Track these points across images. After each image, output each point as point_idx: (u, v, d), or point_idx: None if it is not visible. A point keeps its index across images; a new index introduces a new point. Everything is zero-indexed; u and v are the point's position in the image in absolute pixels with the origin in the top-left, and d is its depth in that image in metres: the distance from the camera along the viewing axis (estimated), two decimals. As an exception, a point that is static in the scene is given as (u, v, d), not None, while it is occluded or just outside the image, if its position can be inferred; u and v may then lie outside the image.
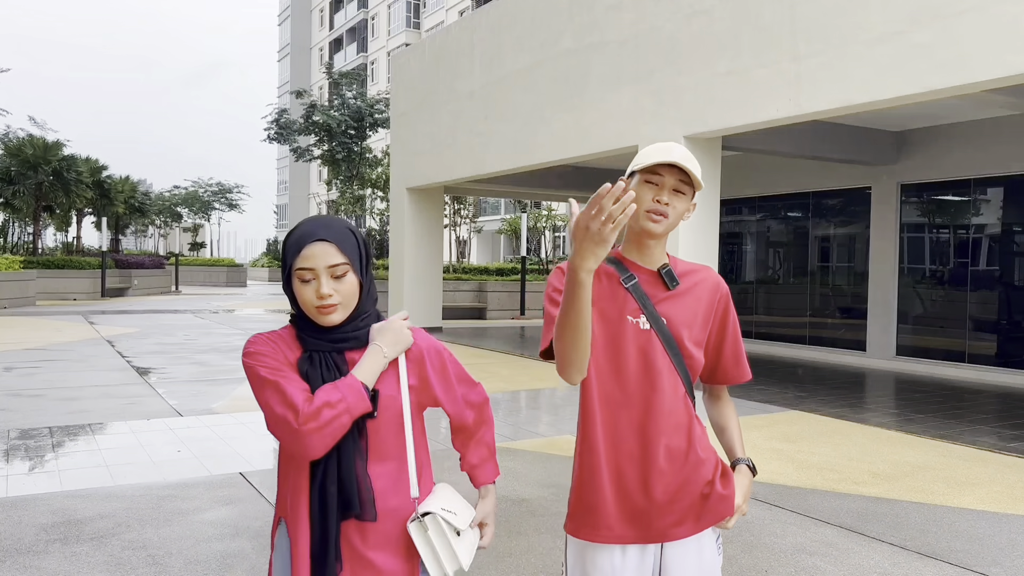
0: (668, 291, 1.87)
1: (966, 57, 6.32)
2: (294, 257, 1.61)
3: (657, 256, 1.89)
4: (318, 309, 1.61)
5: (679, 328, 1.86)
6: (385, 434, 1.68)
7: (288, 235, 1.66)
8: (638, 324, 1.85)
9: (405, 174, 15.99)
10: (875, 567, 3.83)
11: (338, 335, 1.65)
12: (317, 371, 1.62)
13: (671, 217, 1.81)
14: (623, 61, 9.85)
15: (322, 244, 1.60)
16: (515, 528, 4.27)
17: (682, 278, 1.91)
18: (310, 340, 1.65)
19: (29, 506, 4.51)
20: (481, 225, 37.82)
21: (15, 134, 28.98)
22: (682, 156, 1.79)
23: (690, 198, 1.85)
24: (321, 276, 1.60)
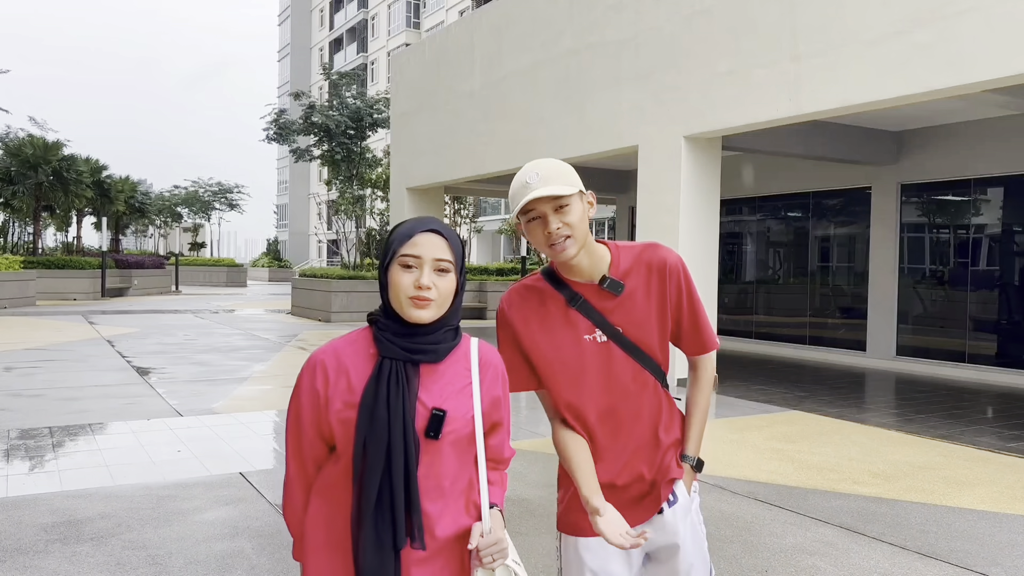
0: (616, 298, 1.85)
1: (966, 57, 6.32)
2: (402, 243, 1.55)
3: (591, 267, 1.85)
4: (413, 300, 1.53)
5: (636, 332, 1.87)
6: (446, 456, 1.59)
7: (396, 227, 1.61)
8: (595, 339, 1.86)
9: (405, 174, 15.99)
10: (875, 567, 3.83)
11: (417, 343, 1.57)
12: (385, 389, 1.53)
13: (573, 233, 1.75)
14: (623, 61, 9.85)
15: (434, 236, 1.57)
16: (515, 528, 4.27)
17: (628, 276, 1.87)
18: (387, 344, 1.56)
19: (29, 506, 4.51)
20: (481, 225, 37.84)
21: (15, 134, 28.98)
22: (540, 180, 1.72)
23: (580, 198, 1.78)
24: (425, 266, 1.54)
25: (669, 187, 9.10)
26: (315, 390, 1.59)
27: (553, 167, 1.77)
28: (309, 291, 19.54)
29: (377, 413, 1.52)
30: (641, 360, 1.87)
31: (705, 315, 1.96)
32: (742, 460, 5.86)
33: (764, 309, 14.14)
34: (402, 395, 1.53)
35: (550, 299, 1.88)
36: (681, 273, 1.90)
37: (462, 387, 1.62)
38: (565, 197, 1.75)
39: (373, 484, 1.52)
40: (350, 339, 1.63)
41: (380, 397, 1.52)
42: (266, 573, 3.64)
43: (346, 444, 1.57)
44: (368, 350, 1.60)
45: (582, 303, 1.85)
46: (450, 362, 1.63)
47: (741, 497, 4.92)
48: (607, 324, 1.85)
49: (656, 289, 1.88)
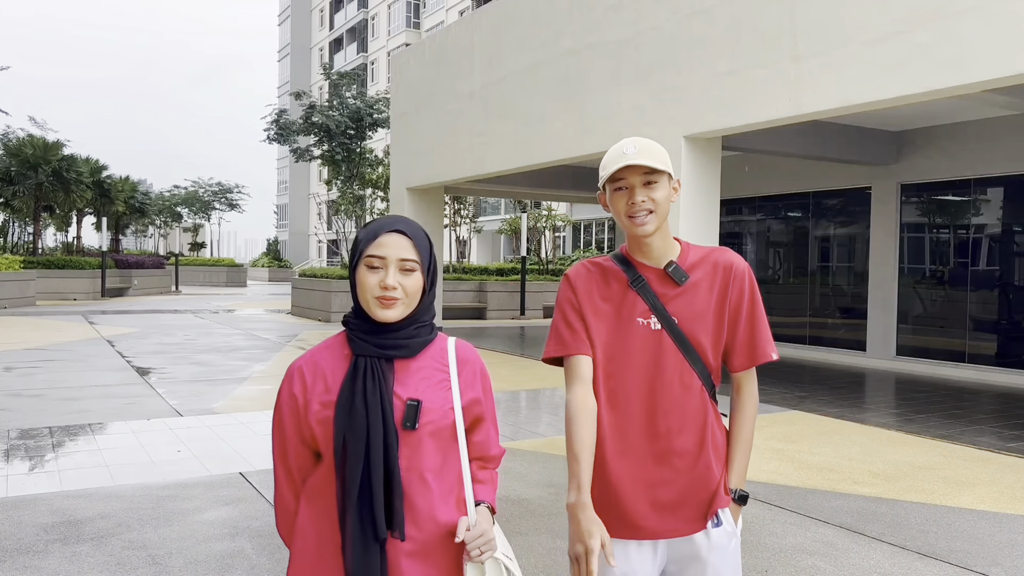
0: (678, 287, 1.85)
1: (966, 57, 6.32)
2: (368, 244, 1.59)
3: (662, 251, 1.86)
4: (379, 300, 1.57)
5: (691, 325, 1.84)
6: (426, 448, 1.61)
7: (363, 227, 1.64)
8: (649, 325, 1.84)
9: (405, 174, 15.99)
10: (875, 567, 3.83)
11: (390, 339, 1.60)
12: (361, 384, 1.57)
13: (657, 210, 1.79)
14: (623, 61, 9.85)
15: (399, 236, 1.59)
16: (515, 528, 4.27)
17: (693, 269, 1.87)
18: (359, 342, 1.60)
19: (29, 506, 4.51)
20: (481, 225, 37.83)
21: (15, 134, 28.98)
22: (636, 152, 1.77)
23: (668, 180, 1.82)
24: (390, 267, 1.57)
25: (669, 187, 9.09)
26: (293, 396, 1.63)
27: (651, 145, 1.80)
28: (309, 291, 19.55)
29: (355, 408, 1.55)
30: (691, 358, 1.84)
31: (765, 325, 1.91)
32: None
33: (764, 309, 14.12)
34: (379, 389, 1.56)
35: (613, 277, 1.89)
36: (747, 279, 1.89)
37: (438, 381, 1.65)
38: (657, 172, 1.79)
39: (355, 477, 1.55)
40: (326, 344, 1.68)
41: (356, 392, 1.56)
42: (266, 573, 3.64)
43: (328, 445, 1.59)
44: (343, 351, 1.64)
45: (643, 284, 1.85)
46: (425, 358, 1.66)
47: (741, 497, 4.92)
48: (663, 311, 1.84)
49: (719, 289, 1.87)
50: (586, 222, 38.37)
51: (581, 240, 38.90)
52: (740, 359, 1.90)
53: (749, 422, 1.92)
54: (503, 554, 1.67)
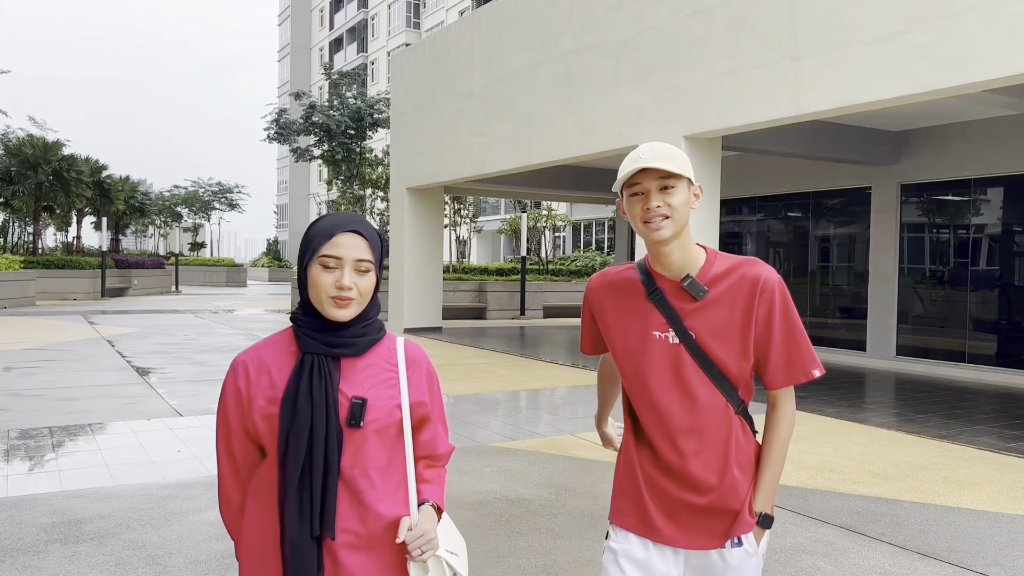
0: (696, 301, 1.78)
1: (966, 57, 6.32)
2: (323, 242, 1.57)
3: (681, 261, 1.79)
4: (334, 300, 1.57)
5: (711, 341, 1.77)
6: (371, 445, 1.62)
7: (314, 224, 1.63)
8: (667, 338, 1.79)
9: (405, 174, 15.99)
10: (875, 567, 3.83)
11: (337, 338, 1.61)
12: (307, 382, 1.57)
13: (673, 216, 1.72)
14: (623, 61, 9.85)
15: (355, 236, 1.59)
16: (515, 528, 4.27)
17: (717, 282, 1.79)
18: (308, 340, 1.60)
19: (29, 506, 4.51)
20: (481, 225, 37.84)
21: (15, 134, 28.98)
22: (653, 156, 1.71)
23: (687, 186, 1.75)
24: (346, 267, 1.57)
25: (669, 187, 9.09)
26: (237, 390, 1.62)
27: (669, 149, 1.74)
28: (309, 291, 19.50)
29: (299, 404, 1.56)
30: (712, 375, 1.78)
31: (804, 341, 1.81)
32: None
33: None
34: (324, 387, 1.57)
35: (632, 287, 1.85)
36: (776, 293, 1.78)
37: (385, 379, 1.65)
38: (673, 177, 1.72)
39: (295, 473, 1.56)
40: (272, 340, 1.67)
41: (302, 390, 1.56)
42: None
43: (272, 441, 1.60)
44: (290, 348, 1.64)
45: (660, 296, 1.80)
46: (372, 356, 1.66)
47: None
48: (680, 324, 1.78)
49: (743, 305, 1.78)
50: (586, 222, 38.37)
51: (581, 240, 38.89)
52: (775, 377, 1.82)
53: (781, 443, 1.84)
54: (447, 550, 1.68)
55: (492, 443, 6.30)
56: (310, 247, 1.59)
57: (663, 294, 1.80)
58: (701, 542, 1.81)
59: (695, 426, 1.79)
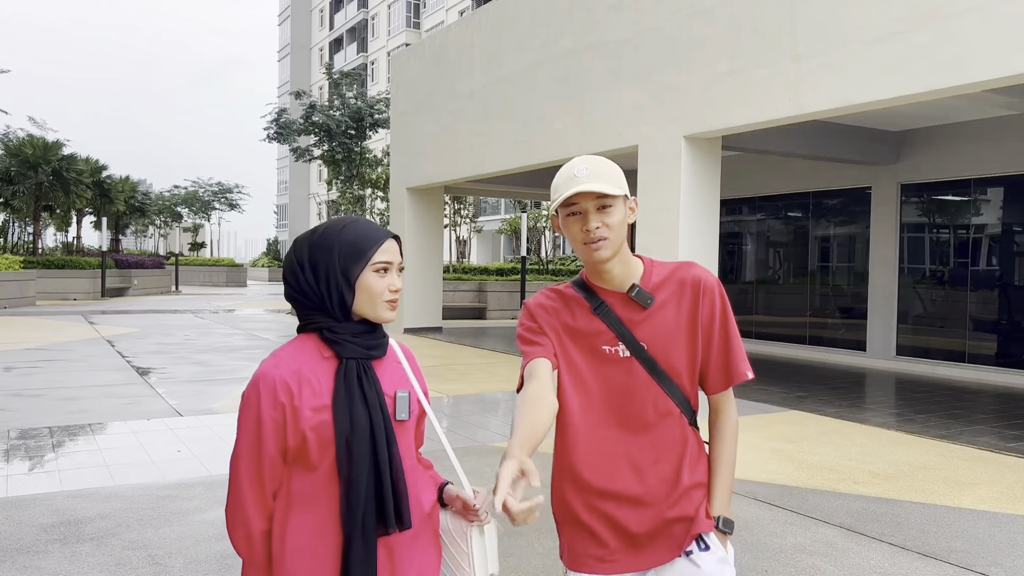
0: (644, 311, 1.75)
1: (966, 57, 6.32)
2: (374, 249, 1.61)
3: (622, 275, 1.75)
4: (389, 303, 1.64)
5: (663, 350, 1.74)
6: (409, 436, 1.70)
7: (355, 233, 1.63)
8: (617, 352, 1.75)
9: (405, 174, 15.99)
10: (875, 567, 3.83)
11: (372, 340, 1.65)
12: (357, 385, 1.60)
13: (611, 236, 1.68)
14: (623, 61, 9.85)
15: (394, 242, 1.66)
16: (515, 528, 4.26)
17: (659, 289, 1.76)
18: (349, 346, 1.61)
19: (29, 506, 4.51)
20: (481, 225, 37.84)
21: (15, 134, 28.99)
22: (588, 175, 1.66)
23: (623, 202, 1.71)
24: (393, 271, 1.65)
25: (669, 187, 9.10)
26: (280, 406, 1.58)
27: (604, 165, 1.70)
28: (309, 291, 19.51)
29: (355, 411, 1.58)
30: (665, 385, 1.75)
31: (739, 343, 1.80)
32: (742, 460, 5.85)
33: (764, 309, 14.13)
34: (373, 387, 1.62)
35: (576, 304, 1.80)
36: (717, 295, 1.78)
37: (402, 375, 1.72)
38: (610, 197, 1.68)
39: (362, 478, 1.57)
40: (295, 349, 1.64)
41: (354, 395, 1.59)
42: (266, 573, 3.64)
43: (322, 450, 1.58)
44: (322, 355, 1.63)
45: (606, 311, 1.76)
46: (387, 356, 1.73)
47: (741, 497, 4.92)
48: (631, 337, 1.74)
49: (688, 308, 1.76)
50: (586, 222, 38.28)
51: (581, 240, 38.81)
52: (715, 380, 1.80)
53: (730, 446, 1.82)
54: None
55: (492, 443, 6.30)
56: (364, 256, 1.61)
57: (609, 307, 1.76)
58: (662, 556, 1.77)
59: (650, 438, 1.75)
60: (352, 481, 1.57)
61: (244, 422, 1.62)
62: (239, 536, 1.65)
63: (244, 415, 1.61)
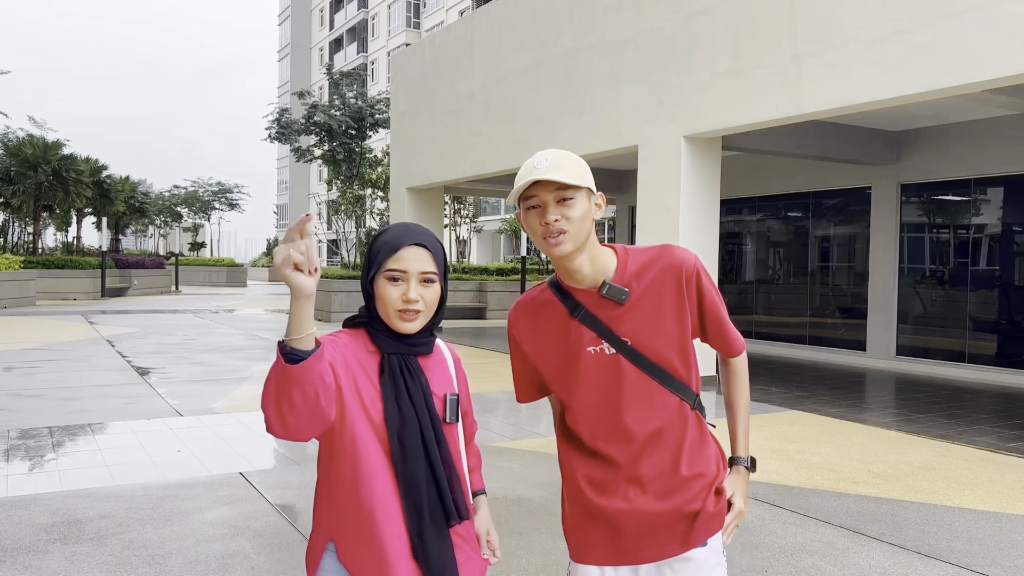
0: (621, 306, 1.71)
1: (966, 57, 6.32)
2: (388, 256, 1.58)
3: (593, 272, 1.71)
4: (401, 313, 1.57)
5: (645, 342, 1.71)
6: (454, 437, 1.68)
7: (379, 235, 1.63)
8: (603, 351, 1.72)
9: (405, 174, 15.99)
10: (875, 567, 3.83)
11: (411, 340, 1.63)
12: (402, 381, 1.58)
13: (572, 229, 1.63)
14: (623, 61, 9.85)
15: (418, 249, 1.59)
16: (515, 528, 4.27)
17: (636, 279, 1.72)
18: (388, 341, 1.60)
19: (29, 506, 4.51)
20: (481, 225, 37.83)
21: (14, 134, 29.00)
22: (547, 166, 1.61)
23: (587, 196, 1.66)
24: (411, 280, 1.57)
25: (669, 187, 9.10)
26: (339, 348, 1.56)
27: (565, 157, 1.65)
28: (309, 291, 19.50)
29: (403, 404, 1.57)
30: (659, 377, 1.72)
31: (727, 318, 1.83)
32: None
33: (764, 309, 14.13)
34: (419, 385, 1.60)
35: (553, 310, 1.77)
36: (700, 275, 1.75)
37: (448, 375, 1.71)
38: (570, 188, 1.63)
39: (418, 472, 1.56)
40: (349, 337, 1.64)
41: (400, 389, 1.57)
42: (266, 573, 3.64)
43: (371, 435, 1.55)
44: (367, 347, 1.62)
45: (584, 313, 1.72)
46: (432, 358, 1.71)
47: (741, 497, 4.92)
48: (612, 335, 1.71)
49: (672, 295, 1.72)
50: (586, 222, 38.29)
51: (581, 240, 38.84)
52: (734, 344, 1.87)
53: (743, 390, 1.91)
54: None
55: (492, 443, 6.30)
56: (375, 261, 1.59)
57: (586, 308, 1.73)
58: (662, 551, 1.76)
59: (644, 431, 1.74)
60: (409, 475, 1.55)
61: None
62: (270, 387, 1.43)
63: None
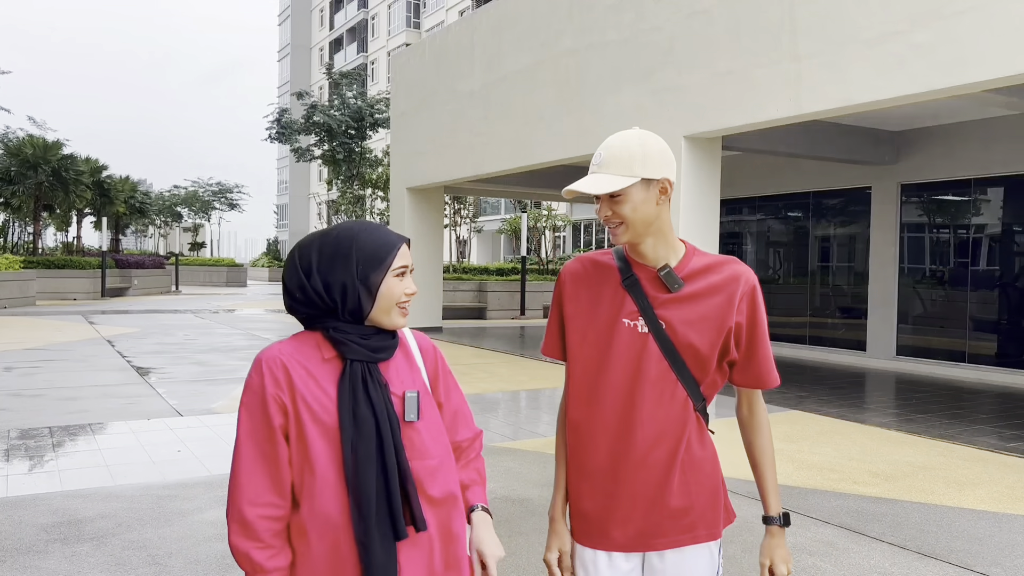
0: (670, 293, 1.74)
1: (966, 57, 6.32)
2: (393, 255, 1.60)
3: (655, 254, 1.75)
4: (401, 308, 1.63)
5: (681, 332, 1.72)
6: (424, 434, 1.63)
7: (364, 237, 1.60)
8: (635, 327, 1.74)
9: (405, 174, 15.99)
10: (875, 567, 3.83)
11: (381, 343, 1.61)
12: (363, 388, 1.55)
13: (628, 222, 1.70)
14: (623, 61, 9.85)
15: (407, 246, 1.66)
16: (515, 528, 4.27)
17: (695, 278, 1.75)
18: (355, 347, 1.58)
19: (29, 506, 4.51)
20: (481, 225, 37.83)
21: (14, 134, 28.99)
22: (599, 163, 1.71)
23: (642, 187, 1.69)
24: (408, 275, 1.64)
25: (669, 187, 9.09)
26: (280, 383, 1.54)
27: (620, 149, 1.70)
28: (309, 291, 19.50)
29: (360, 413, 1.53)
30: (676, 367, 1.73)
31: (767, 347, 1.80)
32: (742, 460, 5.86)
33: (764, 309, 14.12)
34: (379, 389, 1.57)
35: (606, 272, 1.81)
36: (759, 294, 1.78)
37: (415, 373, 1.68)
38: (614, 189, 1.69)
39: (370, 482, 1.52)
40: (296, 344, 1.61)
41: (359, 397, 1.54)
42: (266, 573, 3.64)
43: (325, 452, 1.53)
44: (322, 355, 1.59)
45: (634, 282, 1.76)
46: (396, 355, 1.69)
47: (741, 497, 4.91)
48: (651, 313, 1.73)
49: (721, 302, 1.74)
50: (586, 222, 38.35)
51: (581, 240, 38.88)
52: (746, 378, 1.82)
53: (768, 439, 1.89)
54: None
55: (492, 443, 6.30)
56: (384, 262, 1.59)
57: (638, 281, 1.76)
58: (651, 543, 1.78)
59: (652, 416, 1.74)
60: (360, 486, 1.52)
61: (246, 402, 1.56)
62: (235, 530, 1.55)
63: (246, 396, 1.56)
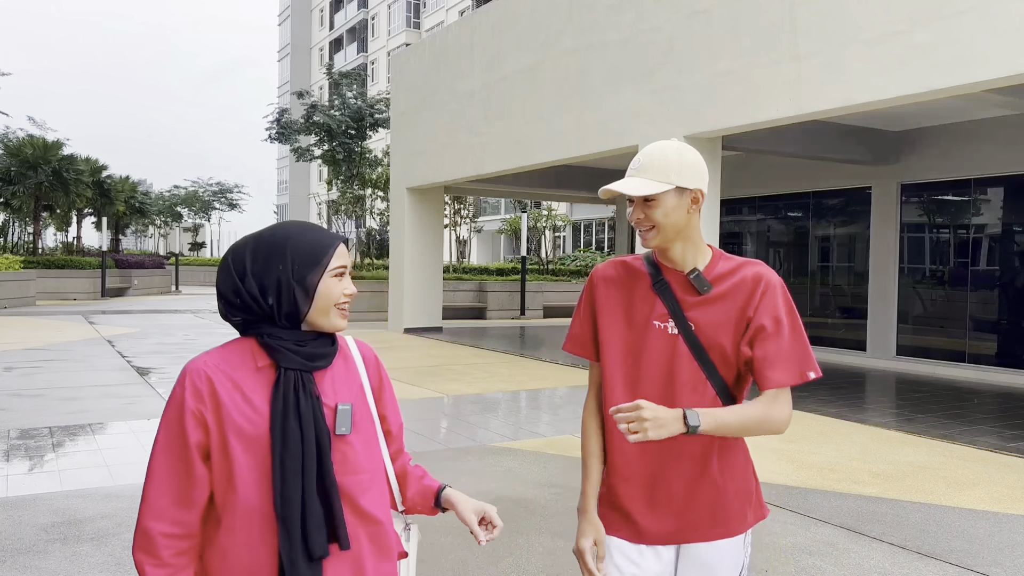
0: (699, 296, 1.80)
1: (966, 57, 6.32)
2: (331, 254, 1.53)
3: (683, 258, 1.82)
4: (341, 310, 1.55)
5: (709, 334, 1.79)
6: (359, 448, 1.56)
7: (299, 236, 1.54)
8: (665, 329, 1.81)
9: (405, 174, 15.99)
10: (875, 567, 3.83)
11: (318, 350, 1.54)
12: (294, 399, 1.47)
13: (659, 227, 1.77)
14: (623, 61, 9.85)
15: (345, 246, 1.58)
16: (515, 528, 4.27)
17: (721, 280, 1.81)
18: (290, 355, 1.50)
19: (29, 506, 4.51)
20: (481, 225, 37.83)
21: (14, 134, 28.99)
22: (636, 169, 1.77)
23: (675, 194, 1.76)
24: (346, 276, 1.57)
25: (669, 187, 9.10)
26: (203, 397, 1.47)
27: (659, 157, 1.78)
28: (309, 291, 19.51)
29: (288, 425, 1.46)
30: (706, 368, 1.79)
31: (804, 342, 1.78)
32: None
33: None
34: (310, 401, 1.49)
35: (638, 276, 1.88)
36: (778, 292, 1.79)
37: (354, 384, 1.61)
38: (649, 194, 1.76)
39: (294, 498, 1.46)
40: (227, 352, 1.54)
41: (290, 409, 1.47)
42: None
43: (253, 468, 1.47)
44: (255, 364, 1.52)
45: (665, 287, 1.83)
46: (336, 363, 1.60)
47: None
48: (681, 315, 1.80)
49: (742, 303, 1.79)
50: (586, 222, 38.36)
51: (581, 240, 38.89)
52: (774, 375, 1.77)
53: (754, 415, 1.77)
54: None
55: (492, 443, 6.30)
56: (321, 262, 1.52)
57: (668, 285, 1.83)
58: (685, 536, 1.84)
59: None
60: (286, 500, 1.45)
61: (165, 415, 1.48)
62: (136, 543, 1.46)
63: (167, 409, 1.49)
